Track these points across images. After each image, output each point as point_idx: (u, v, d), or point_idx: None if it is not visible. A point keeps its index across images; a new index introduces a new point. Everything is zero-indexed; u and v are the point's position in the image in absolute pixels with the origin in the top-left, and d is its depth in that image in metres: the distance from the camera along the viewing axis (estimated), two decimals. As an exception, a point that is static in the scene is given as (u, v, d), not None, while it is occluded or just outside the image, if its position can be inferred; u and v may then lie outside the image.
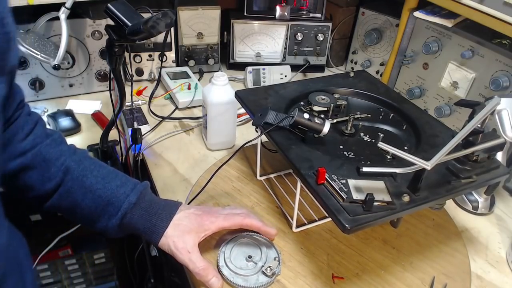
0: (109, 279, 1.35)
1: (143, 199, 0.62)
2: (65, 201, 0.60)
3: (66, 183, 0.60)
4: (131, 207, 0.60)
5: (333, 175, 0.61)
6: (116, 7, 0.68)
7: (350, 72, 0.91)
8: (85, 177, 0.60)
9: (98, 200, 0.60)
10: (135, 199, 0.61)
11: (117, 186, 0.61)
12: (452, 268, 0.70)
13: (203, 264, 0.60)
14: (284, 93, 0.81)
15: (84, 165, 0.62)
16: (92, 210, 0.61)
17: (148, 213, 0.61)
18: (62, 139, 0.64)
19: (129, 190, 0.61)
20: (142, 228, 0.62)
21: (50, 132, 0.63)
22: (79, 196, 0.60)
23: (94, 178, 0.61)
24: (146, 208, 0.62)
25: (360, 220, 0.55)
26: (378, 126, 0.79)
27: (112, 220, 0.61)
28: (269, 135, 0.69)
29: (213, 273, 0.60)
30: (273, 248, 0.67)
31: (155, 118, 1.06)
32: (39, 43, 0.92)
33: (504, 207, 0.87)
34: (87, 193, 0.60)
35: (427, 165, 0.55)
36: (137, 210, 0.61)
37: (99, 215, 0.61)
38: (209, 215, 0.64)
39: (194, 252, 0.61)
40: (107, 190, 0.60)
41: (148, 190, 0.64)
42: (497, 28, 0.81)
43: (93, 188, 0.60)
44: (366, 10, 1.22)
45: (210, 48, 1.26)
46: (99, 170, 0.62)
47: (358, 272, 0.67)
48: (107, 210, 0.60)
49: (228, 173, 0.85)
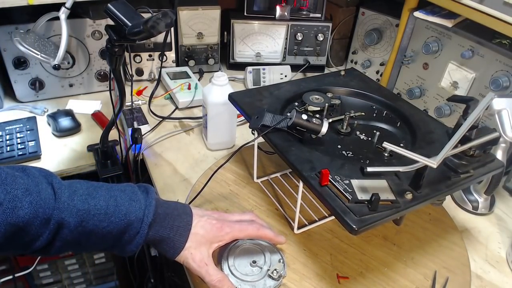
0: (109, 279, 1.35)
1: (158, 216, 0.58)
2: (70, 248, 0.54)
3: (62, 236, 0.51)
4: (149, 227, 0.56)
5: (336, 176, 0.61)
6: (116, 7, 0.68)
7: (341, 71, 0.91)
8: (84, 221, 0.51)
9: (108, 236, 0.54)
10: (152, 217, 0.56)
11: (124, 215, 0.54)
12: (452, 261, 0.71)
13: (220, 276, 0.59)
14: (278, 94, 0.81)
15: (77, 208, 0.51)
16: (103, 246, 0.56)
17: (164, 228, 0.58)
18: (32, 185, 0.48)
19: (141, 213, 0.55)
20: (159, 243, 0.59)
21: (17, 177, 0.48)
22: (83, 240, 0.53)
23: (94, 218, 0.52)
24: (162, 223, 0.58)
25: (366, 220, 0.55)
26: (373, 124, 0.79)
27: (130, 246, 0.56)
28: (267, 137, 0.69)
29: (228, 284, 0.60)
30: (276, 251, 0.67)
31: (155, 118, 1.06)
32: (39, 43, 0.92)
33: (504, 207, 0.87)
34: (92, 235, 0.53)
35: (433, 163, 0.56)
36: (155, 227, 0.58)
37: (114, 247, 0.56)
38: (224, 225, 0.63)
39: (210, 263, 0.60)
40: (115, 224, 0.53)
41: (159, 200, 0.60)
42: (497, 28, 0.81)
43: (97, 229, 0.53)
44: (366, 10, 1.22)
45: (210, 48, 1.26)
46: (96, 204, 0.52)
47: (362, 271, 0.68)
48: (122, 240, 0.55)
49: (224, 177, 0.85)
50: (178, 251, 0.60)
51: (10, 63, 1.00)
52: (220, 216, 0.66)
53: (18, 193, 0.46)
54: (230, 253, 0.66)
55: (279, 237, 0.67)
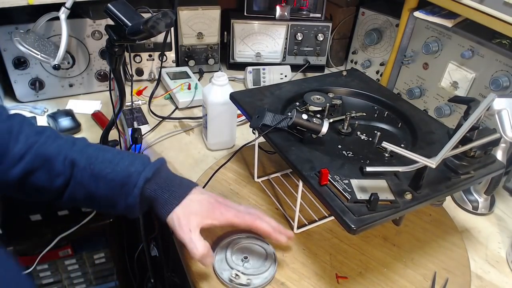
0: (109, 279, 1.35)
1: (159, 175, 0.62)
2: (79, 193, 0.60)
3: (75, 175, 0.60)
4: (147, 182, 0.60)
5: (335, 175, 0.61)
6: (116, 7, 0.68)
7: (342, 71, 0.91)
8: (92, 165, 0.60)
9: (112, 184, 0.60)
10: (151, 174, 0.61)
11: (127, 166, 0.60)
12: (452, 262, 0.71)
13: (202, 246, 0.60)
14: (279, 93, 0.81)
15: (88, 153, 0.61)
16: (108, 195, 0.60)
17: (161, 189, 0.62)
18: (56, 134, 0.63)
19: (141, 167, 0.61)
20: (154, 201, 0.62)
21: (41, 129, 0.62)
22: (92, 185, 0.60)
23: (101, 164, 0.60)
24: (160, 184, 0.62)
25: (365, 220, 0.55)
26: (374, 125, 0.79)
27: (130, 200, 0.60)
28: (267, 137, 0.69)
29: (210, 254, 0.61)
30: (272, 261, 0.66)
31: (155, 118, 1.06)
32: (39, 43, 0.92)
33: (504, 207, 0.87)
34: (99, 180, 0.60)
35: (432, 163, 0.56)
36: (153, 185, 0.61)
37: (116, 199, 0.61)
38: (220, 206, 0.64)
39: (196, 232, 0.60)
40: (117, 172, 0.60)
41: (165, 167, 0.64)
42: (497, 28, 0.81)
43: (103, 174, 0.60)
44: (366, 10, 1.22)
45: (210, 48, 1.26)
46: (104, 154, 0.61)
47: (361, 271, 0.68)
48: (122, 192, 0.60)
49: (225, 176, 0.85)
50: (168, 211, 0.61)
51: (10, 63, 1.00)
52: (223, 200, 0.66)
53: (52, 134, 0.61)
54: (228, 245, 0.67)
55: (279, 234, 0.64)
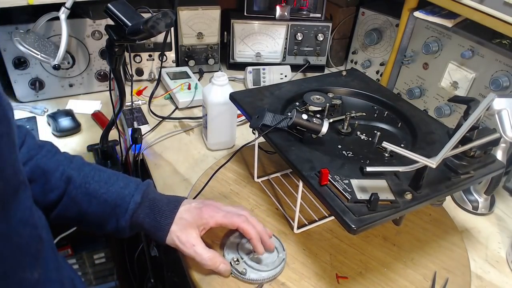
0: (109, 279, 1.35)
1: (147, 197, 0.63)
2: (71, 210, 0.61)
3: (69, 192, 0.60)
4: (137, 206, 0.61)
5: (335, 175, 0.61)
6: (116, 7, 0.68)
7: (342, 71, 0.91)
8: (88, 183, 0.61)
9: (104, 205, 0.61)
10: (140, 198, 0.62)
11: (121, 188, 0.62)
12: (452, 262, 0.71)
13: (209, 254, 0.61)
14: (279, 93, 0.81)
15: (84, 172, 0.62)
16: (99, 215, 0.61)
17: (152, 212, 0.62)
18: (56, 149, 0.64)
19: (133, 190, 0.62)
20: (147, 227, 0.62)
21: (42, 143, 0.63)
22: (85, 204, 0.61)
23: (96, 183, 0.61)
24: (150, 207, 0.62)
25: (365, 220, 0.55)
26: (374, 124, 0.79)
27: (121, 222, 0.61)
28: (267, 137, 0.69)
29: (220, 260, 0.62)
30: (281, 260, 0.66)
31: (155, 118, 1.06)
32: (39, 43, 0.92)
33: (504, 207, 0.87)
34: (92, 200, 0.61)
35: (432, 163, 0.56)
36: (142, 209, 0.62)
37: (107, 219, 0.61)
38: (208, 209, 0.65)
39: (198, 243, 0.61)
40: (111, 193, 0.61)
41: (151, 189, 0.65)
42: (497, 28, 0.81)
43: (97, 194, 0.61)
44: (366, 10, 1.22)
45: (210, 48, 1.26)
46: (100, 174, 0.63)
47: (362, 271, 0.68)
48: (114, 213, 0.61)
49: (225, 176, 0.85)
50: (164, 233, 0.62)
51: (10, 63, 1.00)
52: (210, 203, 0.67)
53: (53, 149, 0.63)
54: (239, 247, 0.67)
55: (258, 242, 0.63)
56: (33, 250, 0.45)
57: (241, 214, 0.66)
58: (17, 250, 0.42)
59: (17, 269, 0.42)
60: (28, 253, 0.44)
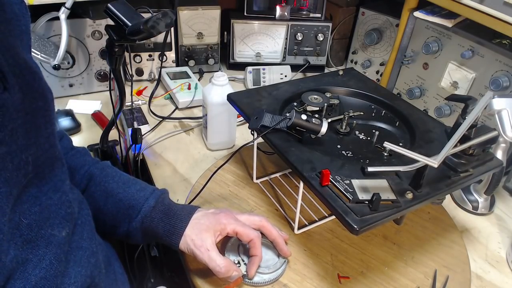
0: (109, 279, 1.35)
1: (162, 202, 0.63)
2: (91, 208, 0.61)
3: (89, 188, 0.63)
4: (150, 209, 0.61)
5: (336, 176, 0.61)
6: (116, 7, 0.68)
7: (339, 71, 0.91)
8: (107, 182, 0.63)
9: (119, 204, 0.62)
10: (154, 202, 0.62)
11: (137, 191, 0.63)
12: (452, 260, 0.71)
13: (224, 262, 0.59)
14: (277, 94, 0.81)
15: (106, 172, 0.65)
16: (113, 214, 0.62)
17: (167, 216, 0.62)
18: (86, 152, 0.69)
19: (148, 194, 0.63)
20: (162, 231, 0.61)
21: (76, 146, 0.68)
22: (101, 201, 0.62)
23: (115, 183, 0.63)
24: (165, 211, 0.62)
25: (368, 220, 0.55)
26: (372, 124, 0.79)
27: (132, 223, 0.61)
28: (267, 138, 0.69)
29: (234, 268, 0.60)
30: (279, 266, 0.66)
31: (155, 118, 1.06)
32: (39, 43, 0.92)
33: (504, 207, 0.87)
34: (109, 198, 0.62)
35: (434, 162, 0.56)
36: (156, 213, 0.62)
37: (120, 219, 0.62)
38: (227, 216, 0.64)
39: (213, 250, 0.60)
40: (127, 194, 0.62)
41: (167, 196, 0.66)
42: (497, 28, 0.81)
43: (114, 193, 0.62)
44: (366, 10, 1.22)
45: (210, 48, 1.26)
46: (120, 176, 0.65)
47: (363, 270, 0.68)
48: (127, 214, 0.62)
49: (223, 177, 0.85)
50: (179, 237, 0.60)
51: (10, 63, 1.00)
52: (228, 211, 0.66)
53: (83, 151, 0.68)
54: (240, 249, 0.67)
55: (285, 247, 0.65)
56: (63, 212, 0.48)
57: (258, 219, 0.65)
58: (46, 209, 0.45)
59: (43, 225, 0.45)
60: (57, 214, 0.47)
